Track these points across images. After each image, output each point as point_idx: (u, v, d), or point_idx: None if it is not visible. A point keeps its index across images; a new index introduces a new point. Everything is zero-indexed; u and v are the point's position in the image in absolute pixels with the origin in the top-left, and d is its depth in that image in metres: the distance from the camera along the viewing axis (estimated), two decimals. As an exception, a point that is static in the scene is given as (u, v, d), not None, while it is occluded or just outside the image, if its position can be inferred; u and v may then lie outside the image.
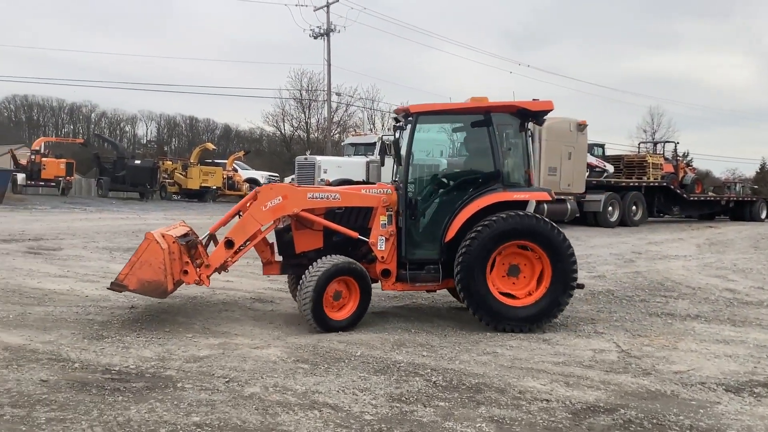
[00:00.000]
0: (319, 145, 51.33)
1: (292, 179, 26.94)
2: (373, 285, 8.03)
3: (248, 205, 8.05)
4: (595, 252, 16.66)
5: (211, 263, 7.73)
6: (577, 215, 24.40)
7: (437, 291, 9.25)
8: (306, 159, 25.69)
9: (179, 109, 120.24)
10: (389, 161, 9.85)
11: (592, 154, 27.42)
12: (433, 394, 5.59)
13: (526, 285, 8.03)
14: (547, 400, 5.54)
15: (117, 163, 37.42)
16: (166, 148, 67.39)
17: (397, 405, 5.32)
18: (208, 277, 7.71)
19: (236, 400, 5.30)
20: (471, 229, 7.81)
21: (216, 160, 43.02)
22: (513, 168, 8.39)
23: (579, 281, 8.19)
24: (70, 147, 47.83)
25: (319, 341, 7.19)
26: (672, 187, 28.03)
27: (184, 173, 38.77)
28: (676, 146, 33.50)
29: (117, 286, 7.37)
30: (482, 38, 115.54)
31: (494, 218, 7.77)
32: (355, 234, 8.09)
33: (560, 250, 7.89)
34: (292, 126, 59.92)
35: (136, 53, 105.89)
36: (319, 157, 26.08)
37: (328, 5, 44.58)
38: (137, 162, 38.74)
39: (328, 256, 7.72)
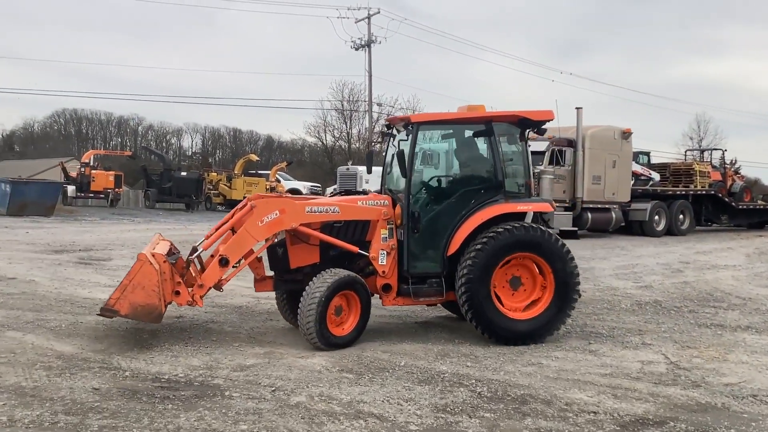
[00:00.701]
0: (361, 155, 51.55)
1: (335, 189, 27.12)
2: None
3: (242, 219, 7.57)
4: (642, 262, 16.38)
5: (205, 283, 7.28)
6: (622, 224, 24.02)
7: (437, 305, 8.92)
8: (348, 169, 25.92)
9: (223, 121, 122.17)
10: (377, 169, 9.33)
11: (638, 162, 26.98)
12: (478, 405, 5.57)
13: (527, 296, 7.88)
14: (594, 413, 5.49)
15: (164, 175, 38.15)
16: (210, 160, 68.45)
17: (442, 416, 5.32)
18: (201, 297, 7.30)
19: (282, 409, 5.36)
20: (473, 241, 7.64)
21: (259, 171, 43.51)
22: (514, 178, 8.25)
23: (626, 291, 8.07)
24: (118, 159, 49.00)
25: (363, 351, 7.22)
26: (720, 195, 27.40)
27: (228, 184, 39.31)
28: (723, 153, 32.76)
29: (108, 311, 6.87)
30: (523, 47, 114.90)
31: (499, 230, 7.59)
32: (355, 249, 7.80)
33: (564, 261, 7.76)
34: (334, 136, 60.32)
35: (181, 67, 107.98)
36: (360, 167, 26.24)
37: (369, 17, 44.96)
38: (183, 174, 39.48)
39: (330, 270, 7.43)
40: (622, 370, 6.77)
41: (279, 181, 41.23)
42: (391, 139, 8.67)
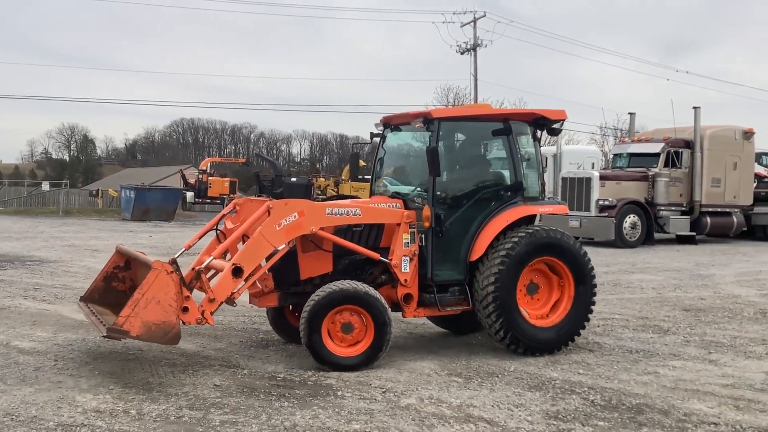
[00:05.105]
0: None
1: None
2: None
3: (256, 223, 6.76)
4: (766, 269, 15.55)
5: (217, 297, 6.40)
6: (744, 229, 22.96)
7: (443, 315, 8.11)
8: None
9: (330, 127, 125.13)
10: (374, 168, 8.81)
11: (760, 164, 25.69)
12: (591, 413, 5.47)
13: (545, 302, 7.53)
14: (714, 424, 5.28)
15: (275, 181, 39.42)
16: (318, 165, 70.12)
17: (554, 423, 5.25)
18: (212, 314, 6.40)
19: (393, 410, 5.45)
20: (494, 245, 7.26)
21: (366, 176, 44.21)
22: (530, 179, 7.88)
23: (749, 299, 7.70)
24: (233, 166, 51.04)
25: (471, 355, 7.23)
26: None
27: (336, 189, 40.15)
28: None
29: (115, 332, 5.83)
30: (633, 45, 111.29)
31: (522, 234, 7.24)
32: (377, 255, 7.10)
33: (583, 266, 7.44)
34: (440, 141, 60.39)
35: (289, 76, 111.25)
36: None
37: (474, 21, 44.63)
38: (293, 179, 40.67)
39: (335, 282, 6.68)
40: (744, 381, 6.46)
41: (386, 186, 41.70)
42: (382, 140, 8.36)
